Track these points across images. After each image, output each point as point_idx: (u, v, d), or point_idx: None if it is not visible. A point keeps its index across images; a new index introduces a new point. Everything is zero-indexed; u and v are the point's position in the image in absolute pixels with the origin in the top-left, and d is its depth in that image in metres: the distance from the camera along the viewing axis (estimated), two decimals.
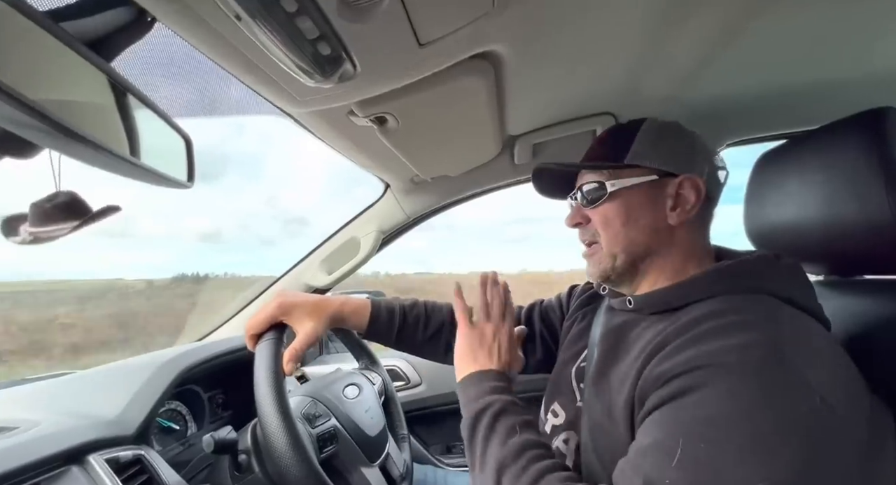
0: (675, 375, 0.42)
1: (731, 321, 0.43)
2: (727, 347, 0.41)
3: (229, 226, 3.85)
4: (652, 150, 0.55)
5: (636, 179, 0.55)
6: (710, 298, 0.49)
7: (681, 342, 0.44)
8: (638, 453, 0.41)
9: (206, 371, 0.80)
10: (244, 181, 9.61)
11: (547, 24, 0.58)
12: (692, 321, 0.46)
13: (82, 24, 0.35)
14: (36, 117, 0.29)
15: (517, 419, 0.50)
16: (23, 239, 0.42)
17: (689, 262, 0.56)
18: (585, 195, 0.58)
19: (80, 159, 0.39)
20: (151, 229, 2.73)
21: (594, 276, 0.60)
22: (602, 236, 0.57)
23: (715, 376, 0.40)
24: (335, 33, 0.40)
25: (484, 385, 0.55)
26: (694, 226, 0.56)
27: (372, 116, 0.66)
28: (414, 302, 0.79)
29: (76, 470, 0.46)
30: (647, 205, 0.55)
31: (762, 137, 1.04)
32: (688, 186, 0.54)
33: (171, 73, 0.59)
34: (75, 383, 0.69)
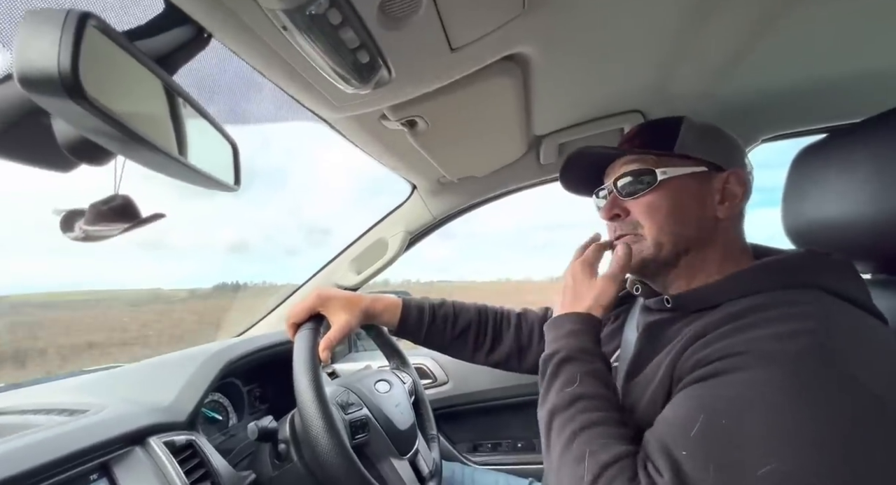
0: (712, 360, 0.42)
1: (777, 313, 0.43)
2: (768, 336, 0.40)
3: (255, 237, 4.04)
4: (699, 142, 0.55)
5: (688, 169, 0.53)
6: (756, 294, 0.48)
7: (721, 332, 0.44)
8: (661, 422, 0.43)
9: (246, 365, 0.85)
10: (269, 194, 9.89)
11: (575, 25, 0.59)
12: (735, 313, 0.45)
13: (152, 42, 0.39)
14: (115, 127, 0.33)
15: (581, 368, 0.50)
16: (76, 235, 0.46)
17: (729, 258, 0.55)
18: (625, 186, 0.56)
19: (144, 164, 0.43)
20: (183, 241, 2.83)
21: (630, 265, 0.57)
22: (646, 227, 0.55)
23: (750, 362, 0.39)
24: (374, 42, 0.42)
25: (561, 329, 0.55)
26: (736, 221, 0.56)
27: (403, 120, 0.68)
28: (442, 301, 0.81)
29: (139, 450, 0.50)
30: (696, 196, 0.54)
31: (799, 132, 1.00)
32: (734, 180, 0.54)
33: (208, 86, 0.64)
34: (131, 373, 0.74)
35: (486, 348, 0.80)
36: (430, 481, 0.79)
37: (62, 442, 0.44)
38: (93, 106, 0.29)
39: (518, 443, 1.28)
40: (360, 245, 1.23)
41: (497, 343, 0.81)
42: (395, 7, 0.40)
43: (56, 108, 0.29)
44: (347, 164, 2.56)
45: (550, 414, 0.48)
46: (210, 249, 8.56)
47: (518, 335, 0.81)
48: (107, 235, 0.45)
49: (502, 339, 0.81)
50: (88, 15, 0.28)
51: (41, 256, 3.00)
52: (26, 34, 0.27)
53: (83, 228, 0.42)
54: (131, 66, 0.35)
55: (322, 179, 28.97)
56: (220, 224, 13.16)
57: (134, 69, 0.36)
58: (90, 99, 0.28)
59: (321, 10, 0.35)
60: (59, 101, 0.28)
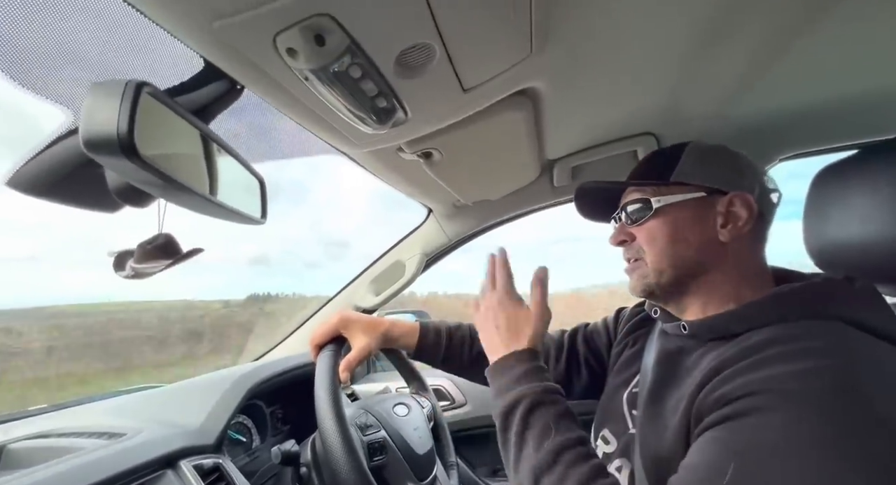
0: (733, 398, 0.41)
1: (797, 347, 0.41)
2: (790, 373, 0.39)
3: (276, 251, 4.15)
4: (698, 168, 0.56)
5: (682, 196, 0.55)
6: (774, 324, 0.47)
7: (741, 367, 0.42)
8: (688, 469, 0.41)
9: (270, 387, 0.87)
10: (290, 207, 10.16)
11: (584, 57, 0.60)
12: (754, 346, 0.44)
13: (192, 96, 0.43)
14: (160, 177, 0.37)
15: (550, 415, 0.48)
16: (127, 273, 0.50)
17: (744, 283, 0.54)
18: (630, 214, 0.58)
19: (181, 205, 0.47)
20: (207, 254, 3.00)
21: (636, 289, 0.59)
22: (647, 253, 0.57)
23: (774, 401, 0.38)
24: (391, 89, 0.46)
25: (511, 373, 0.53)
26: (748, 244, 0.55)
27: (419, 152, 0.71)
28: (459, 324, 0.82)
29: (171, 474, 0.53)
30: (695, 222, 0.55)
31: (818, 151, 0.98)
32: (738, 203, 0.54)
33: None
34: (164, 395, 0.78)
35: None
36: None
37: (104, 466, 0.47)
38: (144, 162, 0.33)
39: None
40: (379, 267, 1.26)
41: None
42: (411, 58, 0.43)
43: (113, 165, 0.33)
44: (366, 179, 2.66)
45: (535, 476, 0.46)
46: (232, 263, 8.77)
47: None
48: (153, 272, 0.50)
49: None
50: (144, 84, 0.33)
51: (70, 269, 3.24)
52: (91, 103, 0.31)
53: (133, 267, 0.46)
54: (175, 121, 0.39)
55: (341, 193, 28.87)
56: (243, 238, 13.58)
57: (177, 123, 0.40)
58: (142, 157, 0.32)
59: (343, 68, 0.38)
60: (116, 159, 0.32)
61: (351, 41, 0.36)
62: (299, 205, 4.75)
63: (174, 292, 2.27)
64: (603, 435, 0.63)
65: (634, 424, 0.59)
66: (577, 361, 0.80)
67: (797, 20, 0.59)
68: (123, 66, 0.44)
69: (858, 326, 0.44)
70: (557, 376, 0.79)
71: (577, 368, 0.80)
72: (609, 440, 0.62)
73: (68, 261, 2.56)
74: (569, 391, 0.80)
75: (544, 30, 0.49)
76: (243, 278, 1.39)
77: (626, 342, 0.72)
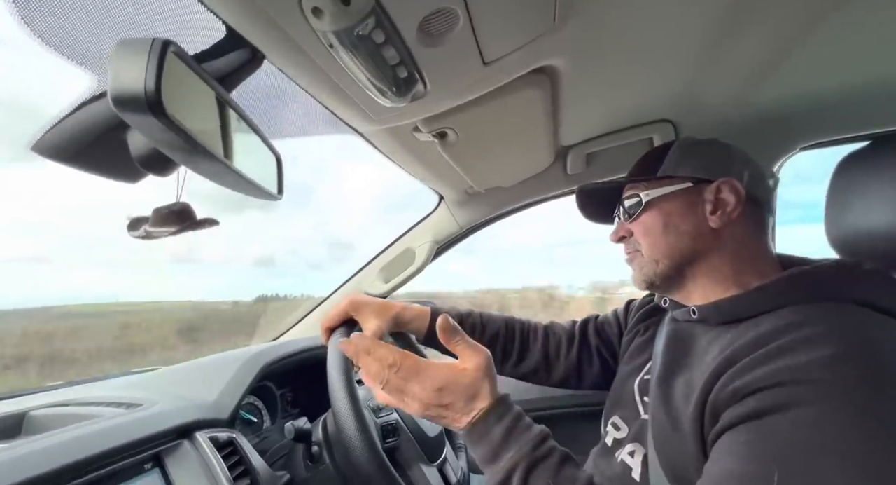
0: (754, 390, 0.39)
1: (814, 332, 0.40)
2: (816, 361, 0.38)
3: (280, 252, 4.17)
4: (684, 160, 0.58)
5: (669, 188, 0.57)
6: (784, 308, 0.46)
7: (758, 356, 0.41)
8: (724, 477, 0.38)
9: (280, 369, 0.88)
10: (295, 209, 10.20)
11: (605, 37, 0.60)
12: (768, 333, 0.43)
13: (215, 63, 0.43)
14: (185, 139, 0.36)
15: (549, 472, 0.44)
16: (139, 234, 0.50)
17: (743, 267, 0.55)
18: (626, 210, 0.61)
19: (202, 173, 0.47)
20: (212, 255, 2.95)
21: (638, 281, 0.61)
22: (643, 245, 0.59)
23: (804, 394, 0.36)
24: (412, 58, 0.45)
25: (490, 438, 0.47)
26: (741, 229, 0.56)
27: (435, 131, 0.71)
28: (470, 311, 0.81)
29: (187, 444, 0.53)
30: (684, 211, 0.57)
31: (840, 140, 0.96)
32: (725, 189, 0.55)
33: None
34: (177, 372, 0.79)
35: (514, 359, 0.80)
36: None
37: (122, 432, 0.48)
38: (171, 121, 0.33)
39: None
40: (389, 254, 1.26)
41: (524, 355, 0.80)
42: (434, 25, 0.43)
43: (140, 123, 0.33)
44: (371, 180, 2.67)
45: None
46: (237, 263, 8.73)
47: (546, 348, 0.81)
48: (164, 234, 0.50)
49: (530, 351, 0.81)
50: (169, 43, 0.32)
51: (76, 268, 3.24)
52: (118, 60, 0.31)
53: (146, 229, 0.46)
54: (198, 85, 0.39)
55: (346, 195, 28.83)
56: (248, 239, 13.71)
57: (200, 88, 0.40)
58: (169, 115, 0.32)
59: (367, 31, 0.38)
60: (144, 117, 0.31)
61: (376, 2, 0.36)
62: (304, 206, 4.76)
63: (176, 293, 2.28)
64: (613, 421, 0.63)
65: (646, 410, 0.58)
66: (589, 352, 0.80)
67: (818, 6, 0.59)
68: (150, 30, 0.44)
69: (872, 307, 0.44)
70: (568, 366, 0.79)
71: (588, 358, 0.80)
72: (620, 427, 0.62)
73: (73, 261, 2.59)
74: (579, 381, 0.80)
75: (568, 1, 0.49)
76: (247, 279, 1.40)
77: (637, 330, 0.73)
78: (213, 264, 2.78)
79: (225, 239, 3.10)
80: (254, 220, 0.73)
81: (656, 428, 0.52)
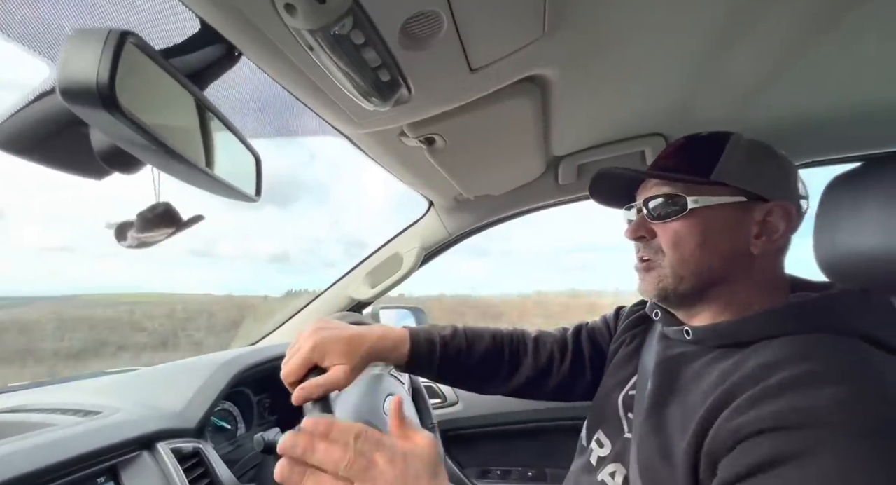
0: (756, 431, 0.37)
1: (820, 369, 0.39)
2: (824, 403, 0.36)
3: (296, 249, 4.05)
4: (743, 168, 0.50)
5: (723, 199, 0.50)
6: (787, 336, 0.44)
7: (758, 392, 0.39)
8: None
9: (257, 375, 0.85)
10: (312, 207, 10.20)
11: (597, 47, 0.59)
12: (770, 365, 0.41)
13: (186, 59, 0.41)
14: (146, 137, 0.34)
15: None
16: (130, 243, 0.48)
17: (760, 294, 0.51)
18: (654, 208, 0.53)
19: (172, 174, 0.45)
20: (229, 251, 2.92)
21: (650, 293, 0.55)
22: (669, 255, 0.52)
23: (820, 440, 0.34)
24: (395, 61, 0.44)
25: None
26: (774, 257, 0.52)
27: (421, 137, 0.69)
28: (454, 332, 0.72)
29: (147, 455, 0.51)
30: (729, 229, 0.50)
31: (832, 160, 0.96)
32: (778, 213, 0.50)
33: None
34: (146, 377, 0.76)
35: (503, 378, 0.73)
36: None
37: (74, 443, 0.45)
38: (126, 117, 0.30)
39: (529, 471, 1.23)
40: (376, 259, 1.24)
41: (515, 370, 0.74)
42: (417, 28, 0.41)
43: (93, 118, 0.31)
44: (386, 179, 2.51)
45: None
46: (253, 260, 8.81)
47: (537, 362, 0.74)
48: (156, 241, 0.48)
49: (520, 366, 0.74)
50: (128, 33, 0.30)
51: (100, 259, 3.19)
52: (70, 49, 0.29)
53: (135, 236, 0.44)
54: (165, 81, 0.37)
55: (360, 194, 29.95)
56: (264, 235, 13.74)
57: (168, 84, 0.38)
58: (124, 110, 0.30)
59: (345, 31, 0.36)
60: (96, 111, 0.29)
61: (354, 2, 0.34)
62: (321, 204, 4.74)
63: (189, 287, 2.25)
64: (598, 438, 0.61)
65: (630, 428, 0.56)
66: (582, 363, 0.75)
67: (812, 27, 0.58)
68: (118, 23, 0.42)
69: (875, 342, 0.42)
70: (560, 379, 0.74)
71: (580, 368, 0.75)
72: (603, 443, 0.60)
73: (99, 252, 2.56)
74: (571, 394, 0.76)
75: (558, 10, 0.47)
76: (263, 275, 1.33)
77: (623, 339, 0.70)
78: (230, 260, 2.77)
79: (242, 235, 3.08)
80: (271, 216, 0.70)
81: (643, 454, 0.50)
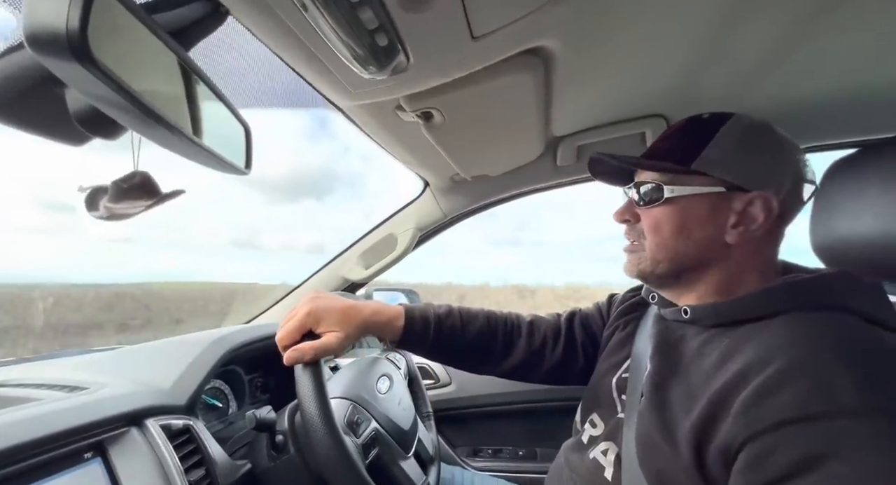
0: (778, 423, 0.36)
1: (826, 349, 0.39)
2: (846, 389, 0.35)
3: (332, 240, 4.01)
4: (727, 157, 0.50)
5: (699, 189, 0.51)
6: (782, 314, 0.45)
7: (773, 376, 0.39)
8: None
9: (249, 353, 0.84)
10: (346, 198, 10.21)
11: (602, 20, 0.57)
12: (776, 347, 0.41)
13: (169, 16, 0.38)
14: (125, 97, 0.32)
15: None
16: (101, 214, 0.46)
17: (744, 277, 0.52)
18: (642, 193, 0.55)
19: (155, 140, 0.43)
20: (270, 242, 2.94)
21: (631, 272, 0.57)
22: (649, 239, 0.54)
23: (849, 431, 0.34)
24: (393, 24, 0.41)
25: None
26: (755, 244, 0.52)
27: (419, 111, 0.67)
28: (449, 311, 0.73)
29: (135, 432, 0.50)
30: (705, 218, 0.51)
31: (833, 145, 0.96)
32: (758, 204, 0.49)
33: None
34: (135, 353, 0.74)
35: (497, 360, 0.74)
36: (431, 466, 0.78)
37: (59, 418, 0.44)
38: (100, 71, 0.28)
39: (519, 451, 1.25)
40: (370, 239, 1.22)
41: (508, 352, 0.75)
42: None
43: (63, 71, 0.28)
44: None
45: None
46: (292, 251, 9.00)
47: (530, 345, 0.75)
48: (130, 213, 0.45)
49: (514, 349, 0.75)
50: None
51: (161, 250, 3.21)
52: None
53: (107, 206, 0.41)
54: (145, 36, 0.34)
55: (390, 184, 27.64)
56: (302, 227, 14.21)
57: (148, 40, 0.35)
58: (98, 63, 0.28)
59: None
60: (66, 63, 0.27)
61: None
62: (355, 196, 4.71)
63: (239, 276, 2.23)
64: (591, 420, 0.62)
65: (623, 408, 0.57)
66: (574, 348, 0.76)
67: (815, 10, 0.57)
68: None
69: (872, 320, 0.43)
70: (553, 362, 0.75)
71: (573, 355, 0.76)
72: (597, 424, 0.61)
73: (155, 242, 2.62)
74: (563, 378, 0.77)
75: None
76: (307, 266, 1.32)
77: (618, 325, 0.71)
78: (271, 251, 2.78)
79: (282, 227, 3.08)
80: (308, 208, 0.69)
81: (640, 429, 0.50)
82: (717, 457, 0.41)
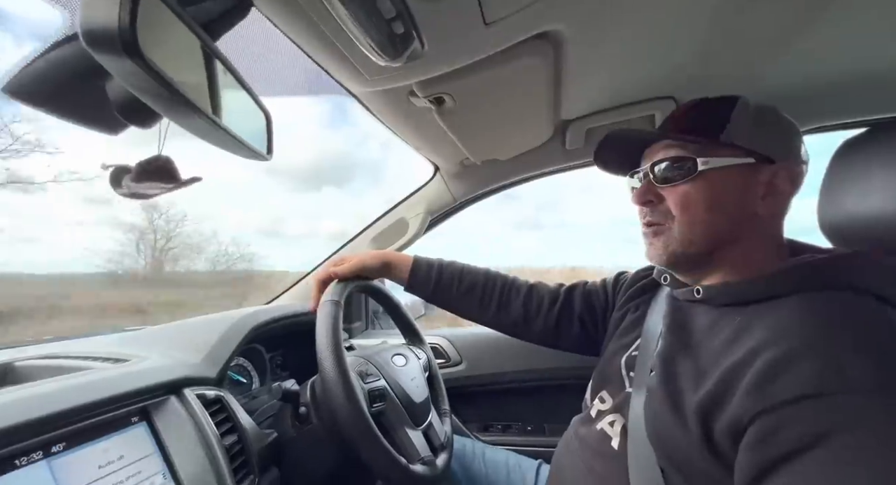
0: (794, 398, 0.36)
1: (838, 329, 0.39)
2: (861, 369, 0.35)
3: (353, 227, 4.16)
4: (752, 130, 0.50)
5: (732, 160, 0.49)
6: (797, 294, 0.45)
7: (785, 353, 0.39)
8: None
9: (270, 332, 0.88)
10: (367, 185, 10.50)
11: (611, 2, 0.57)
12: (788, 327, 0.41)
13: (199, 8, 0.40)
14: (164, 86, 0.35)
15: None
16: (124, 192, 0.49)
17: (766, 254, 0.53)
18: (661, 172, 0.53)
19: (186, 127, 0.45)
20: (294, 230, 3.09)
21: (658, 258, 0.56)
22: (678, 219, 0.52)
23: (861, 409, 0.34)
24: (410, 12, 0.43)
25: None
26: (778, 218, 0.53)
27: (431, 97, 0.68)
28: (452, 262, 0.86)
29: (174, 400, 0.54)
30: (738, 191, 0.50)
31: (844, 124, 0.95)
32: (784, 175, 0.50)
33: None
34: (167, 331, 0.79)
35: (493, 310, 0.83)
36: (441, 452, 0.82)
37: (109, 384, 0.48)
38: (146, 64, 0.31)
39: (528, 426, 1.30)
40: (382, 224, 1.25)
41: (503, 308, 0.83)
42: None
43: (113, 65, 0.31)
44: None
45: None
46: (315, 238, 9.41)
47: (526, 304, 0.83)
48: (150, 194, 0.48)
49: (510, 304, 0.83)
50: None
51: None
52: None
53: (129, 185, 0.44)
54: (181, 30, 0.37)
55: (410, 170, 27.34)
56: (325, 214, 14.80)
57: (183, 33, 0.37)
58: (145, 57, 0.30)
59: None
60: (117, 58, 0.30)
61: None
62: (375, 182, 4.79)
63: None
64: (601, 396, 0.64)
65: (631, 383, 0.59)
66: (570, 316, 0.81)
67: None
68: None
69: (885, 300, 0.43)
70: (547, 323, 0.82)
71: (568, 320, 0.81)
72: (605, 400, 0.63)
73: None
74: (557, 341, 0.83)
75: None
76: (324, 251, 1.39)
77: (629, 308, 0.72)
78: (295, 239, 2.92)
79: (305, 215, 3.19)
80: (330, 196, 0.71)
81: (649, 401, 0.52)
82: (725, 432, 0.41)
